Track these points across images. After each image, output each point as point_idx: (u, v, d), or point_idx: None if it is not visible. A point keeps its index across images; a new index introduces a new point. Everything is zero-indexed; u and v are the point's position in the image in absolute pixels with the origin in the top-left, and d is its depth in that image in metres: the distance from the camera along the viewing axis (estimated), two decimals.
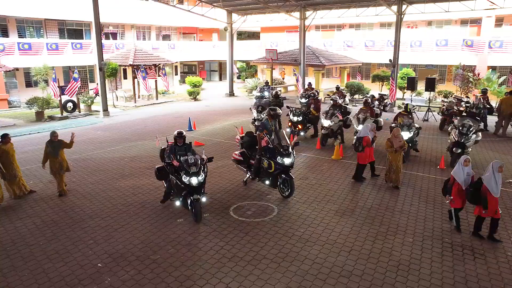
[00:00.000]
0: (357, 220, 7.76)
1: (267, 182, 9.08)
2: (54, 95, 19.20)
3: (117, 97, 25.41)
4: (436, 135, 15.54)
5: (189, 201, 7.48)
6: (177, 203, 8.03)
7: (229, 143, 14.21)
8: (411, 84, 19.51)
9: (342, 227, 7.47)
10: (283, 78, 35.26)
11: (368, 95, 18.90)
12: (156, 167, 8.35)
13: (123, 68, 27.79)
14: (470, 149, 11.44)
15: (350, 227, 7.45)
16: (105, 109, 20.27)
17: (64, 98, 19.73)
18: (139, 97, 26.05)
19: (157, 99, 26.16)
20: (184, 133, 8.00)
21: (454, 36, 27.44)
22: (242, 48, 36.53)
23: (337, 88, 21.26)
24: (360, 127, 12.77)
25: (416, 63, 28.75)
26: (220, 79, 42.66)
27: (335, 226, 7.52)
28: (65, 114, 19.85)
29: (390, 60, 20.69)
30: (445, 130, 15.98)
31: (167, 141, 8.50)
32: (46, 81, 23.80)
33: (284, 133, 9.39)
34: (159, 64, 26.26)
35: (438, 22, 29.72)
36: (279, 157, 8.64)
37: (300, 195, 9.13)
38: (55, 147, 9.08)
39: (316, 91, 20.79)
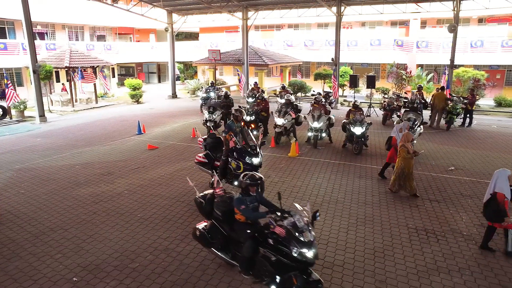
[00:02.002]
0: (327, 214, 8.05)
1: (235, 183, 8.91)
2: None
3: (52, 102, 23.79)
4: (380, 129, 16.51)
5: (298, 283, 4.85)
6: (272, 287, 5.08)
7: (183, 145, 13.98)
8: (354, 82, 20.55)
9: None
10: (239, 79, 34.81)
11: (315, 92, 19.57)
12: (201, 227, 5.92)
13: (56, 71, 26.07)
14: (415, 142, 12.33)
15: (322, 221, 7.71)
16: (42, 115, 18.89)
17: None
18: (76, 101, 24.61)
19: (96, 102, 24.89)
20: (262, 177, 5.66)
21: (386, 37, 29.37)
22: (181, 49, 35.95)
23: (283, 87, 21.77)
24: (315, 124, 13.19)
25: (353, 61, 30.27)
26: (159, 81, 41.64)
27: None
28: None
29: (332, 59, 21.60)
30: (387, 124, 17.07)
31: (213, 186, 6.17)
32: None
33: (250, 133, 9.34)
34: (97, 65, 25.01)
35: (371, 23, 31.59)
36: (247, 157, 8.56)
37: (266, 193, 9.21)
38: None
39: (262, 90, 21.13)
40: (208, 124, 15.31)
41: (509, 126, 17.89)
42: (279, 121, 14.06)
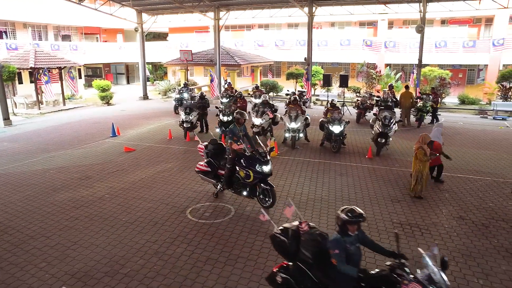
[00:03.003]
0: (314, 211, 8.15)
1: (244, 193, 8.27)
2: None
3: (15, 104, 22.77)
4: (355, 127, 16.87)
5: None
6: None
7: (160, 146, 13.76)
8: (327, 81, 20.87)
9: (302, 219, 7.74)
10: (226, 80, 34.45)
11: (289, 92, 19.72)
12: (282, 272, 4.75)
13: (17, 72, 24.94)
14: (391, 139, 12.70)
15: (310, 219, 7.79)
16: (6, 118, 18.05)
17: None
18: (42, 103, 23.66)
19: (64, 104, 24.03)
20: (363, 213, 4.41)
21: (356, 37, 30.07)
22: (150, 50, 35.19)
23: (257, 87, 21.86)
24: (292, 124, 13.18)
25: (323, 61, 30.73)
26: (128, 82, 40.70)
27: (295, 219, 7.77)
28: None
29: (305, 59, 21.88)
30: (361, 122, 17.47)
31: (299, 219, 4.92)
32: None
33: (258, 138, 8.64)
34: (64, 66, 24.16)
35: (340, 23, 32.23)
36: (257, 165, 7.89)
37: None
38: None
39: (236, 90, 21.11)
40: (184, 125, 15.13)
41: (474, 122, 18.76)
42: (257, 121, 14.09)
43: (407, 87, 17.91)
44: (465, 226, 7.53)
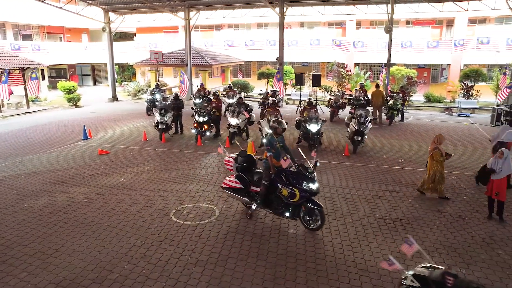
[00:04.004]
0: None
1: (287, 214, 7.27)
2: None
3: None
4: (329, 126, 17.12)
5: None
6: None
7: (135, 148, 13.47)
8: (299, 80, 21.08)
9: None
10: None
11: (263, 92, 19.74)
12: None
13: None
14: (366, 137, 12.99)
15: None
16: None
17: None
18: (3, 106, 22.57)
19: (28, 107, 23.01)
20: None
21: (325, 37, 30.56)
22: (116, 50, 34.26)
23: (230, 87, 21.76)
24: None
25: (293, 60, 31.00)
26: (95, 83, 39.49)
27: (279, 218, 7.79)
28: None
29: (277, 58, 22.03)
30: (335, 121, 17.76)
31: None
32: None
33: (300, 151, 7.92)
34: (27, 67, 23.15)
35: (309, 23, 32.68)
36: (304, 182, 7.03)
37: None
38: None
39: (208, 91, 20.94)
40: (159, 126, 14.85)
41: (440, 119, 19.53)
42: (233, 121, 14.02)
43: (377, 85, 18.39)
44: (443, 219, 7.81)
